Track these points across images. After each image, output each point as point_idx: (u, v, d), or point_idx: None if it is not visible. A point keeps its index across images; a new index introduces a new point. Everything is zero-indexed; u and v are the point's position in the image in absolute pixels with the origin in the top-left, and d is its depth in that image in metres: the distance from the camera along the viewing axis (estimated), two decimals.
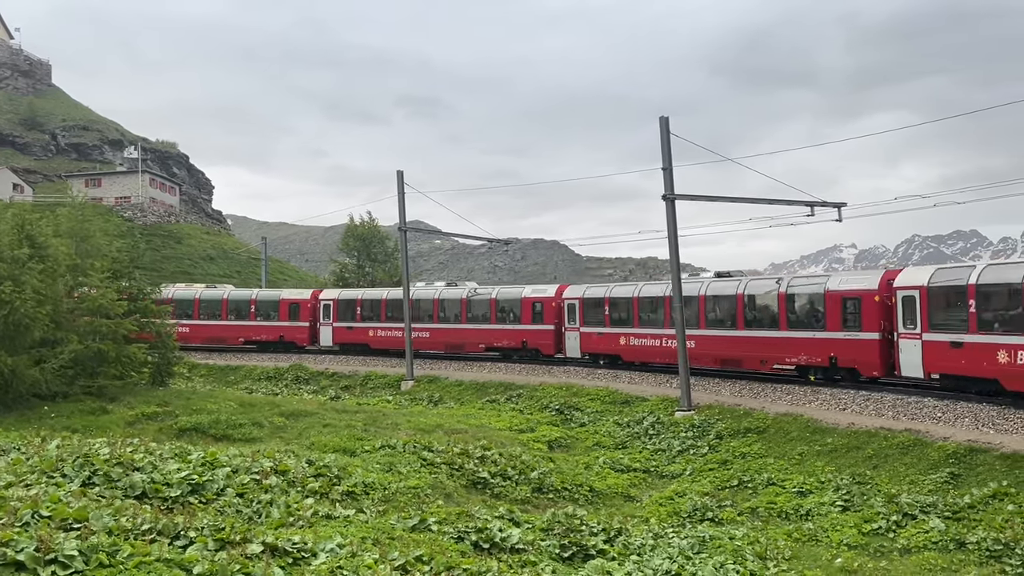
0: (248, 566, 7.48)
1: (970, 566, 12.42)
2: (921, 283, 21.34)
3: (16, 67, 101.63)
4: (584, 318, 32.99)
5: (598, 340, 32.41)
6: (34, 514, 8.20)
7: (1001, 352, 18.56)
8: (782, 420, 21.51)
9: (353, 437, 19.71)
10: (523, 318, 35.27)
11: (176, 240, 76.37)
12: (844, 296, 23.78)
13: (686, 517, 16.15)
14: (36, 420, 20.71)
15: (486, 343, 36.61)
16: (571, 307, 33.75)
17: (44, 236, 25.04)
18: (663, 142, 25.13)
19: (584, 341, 32.98)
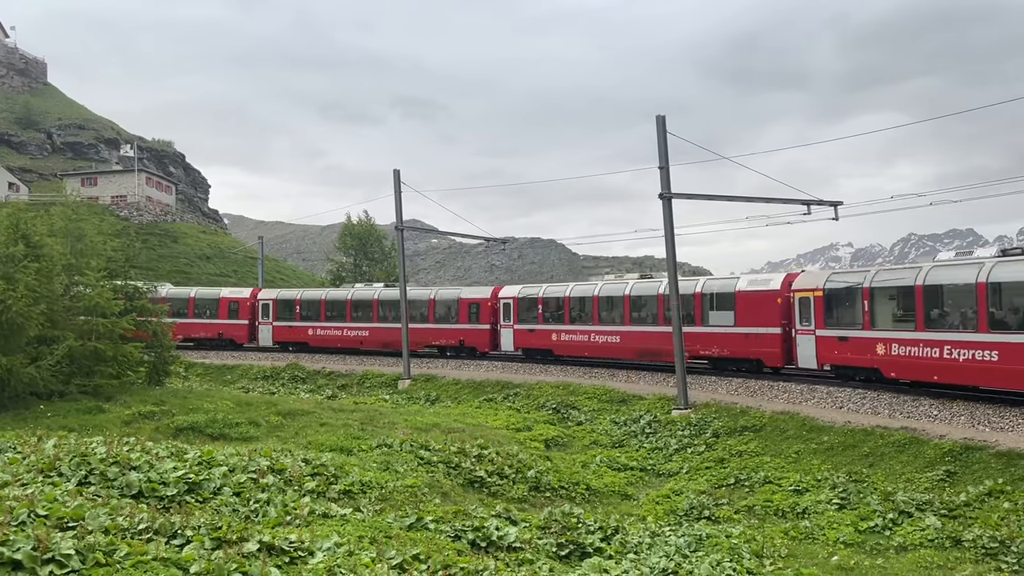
0: (245, 565, 7.48)
1: (966, 564, 12.46)
2: (817, 286, 24.56)
3: (11, 65, 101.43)
4: (518, 317, 35.21)
5: (531, 337, 34.68)
6: (31, 513, 8.20)
7: (879, 345, 21.95)
8: (779, 418, 21.55)
9: (350, 436, 19.70)
10: (460, 318, 37.60)
11: (172, 239, 76.25)
12: (751, 296, 26.61)
13: (683, 515, 16.18)
14: (32, 419, 20.67)
15: (424, 341, 38.50)
16: (506, 306, 35.98)
17: (39, 235, 24.97)
18: (660, 141, 25.15)
19: (517, 338, 35.21)
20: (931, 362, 20.44)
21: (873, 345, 22.17)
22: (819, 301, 24.35)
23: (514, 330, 35.17)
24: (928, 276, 20.75)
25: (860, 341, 22.64)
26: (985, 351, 18.91)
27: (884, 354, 21.88)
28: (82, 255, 26.95)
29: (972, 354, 19.22)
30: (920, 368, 20.92)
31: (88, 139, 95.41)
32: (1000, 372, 18.65)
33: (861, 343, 22.61)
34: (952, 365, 19.81)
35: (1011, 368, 18.32)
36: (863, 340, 22.54)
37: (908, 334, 21.13)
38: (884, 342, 21.87)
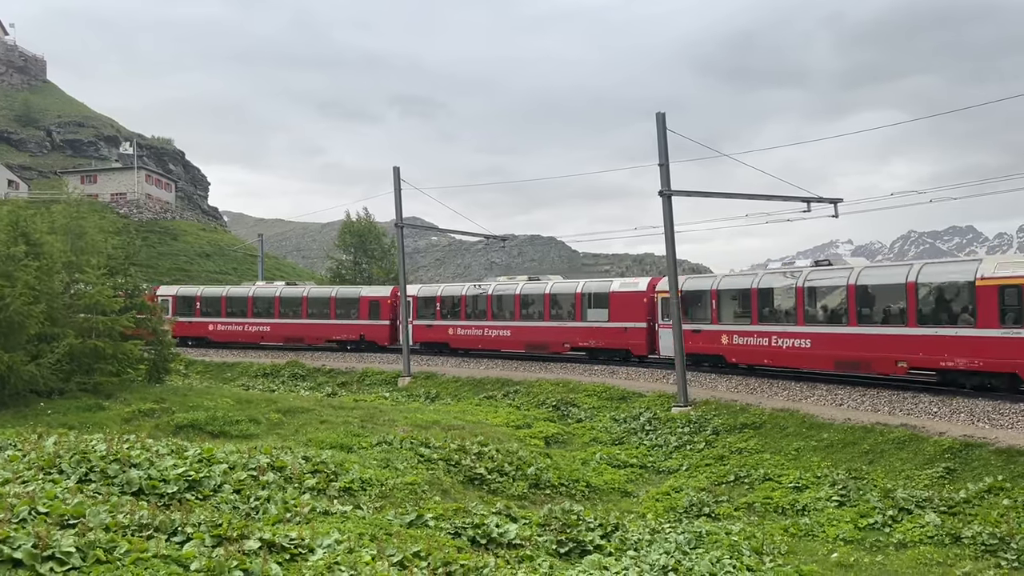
0: (245, 562, 7.49)
1: (965, 560, 12.47)
2: None
3: (11, 63, 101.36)
4: (417, 313, 38.16)
5: (429, 331, 37.96)
6: (31, 511, 8.21)
7: (724, 336, 27.09)
8: (778, 416, 21.56)
9: (350, 433, 19.71)
10: (361, 314, 40.22)
11: (172, 237, 76.22)
12: (624, 296, 31.27)
13: (683, 512, 16.20)
14: (32, 417, 20.69)
15: (325, 336, 41.03)
16: (406, 304, 37.78)
17: (39, 233, 24.99)
18: (659, 138, 25.13)
19: (416, 332, 37.97)
20: (762, 349, 25.53)
21: (719, 336, 27.16)
22: None
23: (413, 326, 37.75)
24: (761, 281, 26.32)
25: (709, 333, 27.51)
26: (801, 340, 24.26)
27: (727, 343, 26.87)
28: (82, 253, 26.96)
29: (792, 342, 24.52)
30: (754, 354, 25.94)
31: (88, 137, 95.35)
32: (811, 356, 24.05)
33: (710, 335, 27.46)
34: (778, 351, 25.00)
35: (819, 353, 23.73)
36: (712, 332, 27.42)
37: (745, 327, 26.28)
38: (727, 334, 26.84)
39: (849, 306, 23.06)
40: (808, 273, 24.53)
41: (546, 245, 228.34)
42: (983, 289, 19.43)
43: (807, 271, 24.76)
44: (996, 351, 19.23)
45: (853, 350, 22.64)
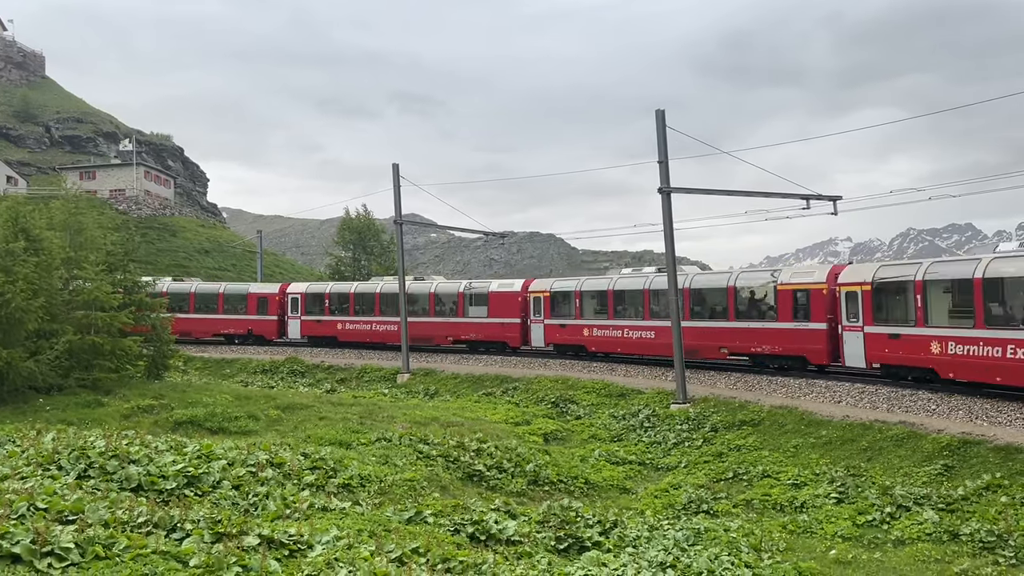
0: (244, 558, 7.50)
1: (963, 557, 12.49)
2: (546, 289, 34.27)
3: (9, 59, 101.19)
4: (306, 309, 41.47)
5: (317, 326, 41.19)
6: (30, 507, 8.22)
7: (584, 329, 32.34)
8: (777, 413, 21.57)
9: (349, 430, 19.72)
10: (249, 310, 42.65)
11: (171, 233, 76.16)
12: (501, 295, 35.47)
13: (681, 509, 16.21)
14: (31, 413, 20.70)
15: (213, 331, 43.38)
16: (294, 300, 41.96)
17: (38, 229, 24.96)
18: (659, 136, 25.11)
19: (304, 327, 41.54)
20: (616, 340, 30.95)
21: (581, 330, 32.32)
22: (547, 299, 33.88)
23: (301, 320, 41.53)
24: (616, 284, 31.46)
25: (573, 327, 32.83)
26: (647, 332, 29.72)
27: (588, 335, 32.08)
28: (81, 249, 26.95)
29: (640, 334, 30.09)
30: (609, 343, 31.27)
31: (86, 133, 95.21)
32: (655, 345, 29.32)
33: (573, 328, 32.79)
34: (629, 341, 30.51)
35: (661, 342, 28.44)
36: (575, 326, 32.72)
37: (602, 321, 31.65)
38: (588, 327, 32.17)
39: (685, 305, 27.54)
40: (653, 278, 29.88)
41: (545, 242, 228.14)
42: (782, 292, 25.24)
43: (652, 276, 30.13)
44: (791, 340, 25.14)
45: (687, 340, 26.43)
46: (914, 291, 21.12)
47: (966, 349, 19.70)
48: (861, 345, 22.99)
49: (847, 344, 23.45)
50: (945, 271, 21.06)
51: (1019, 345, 18.25)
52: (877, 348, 22.50)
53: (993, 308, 19.25)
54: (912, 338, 21.19)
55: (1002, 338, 18.65)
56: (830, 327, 24.12)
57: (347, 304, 40.69)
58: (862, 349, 22.96)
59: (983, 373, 19.35)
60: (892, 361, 22.18)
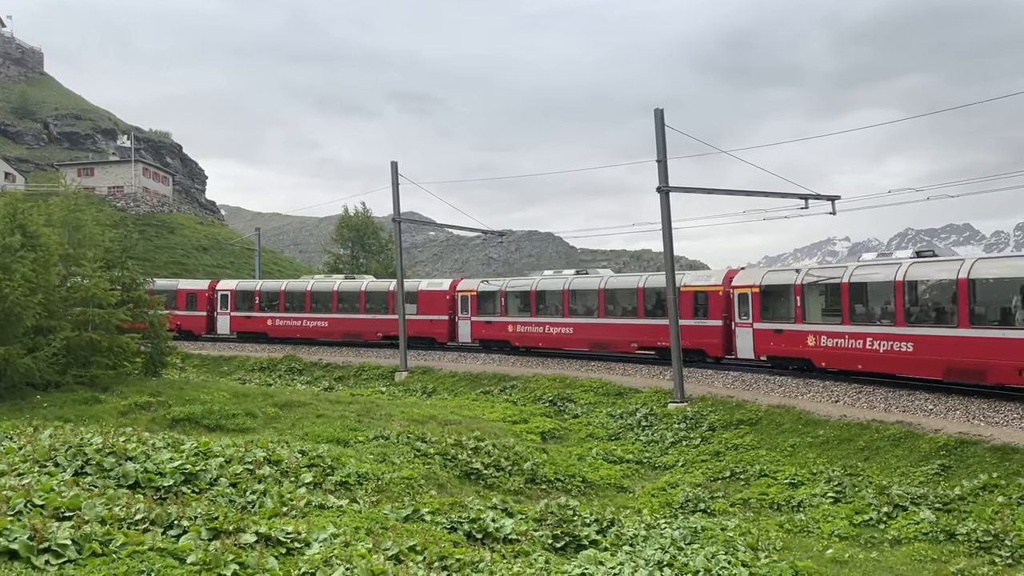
0: (241, 556, 7.50)
1: (960, 557, 12.51)
2: (473, 289, 37.14)
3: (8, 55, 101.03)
4: (236, 306, 43.11)
5: (247, 322, 42.76)
6: (27, 503, 8.21)
7: (510, 326, 35.25)
8: (774, 412, 21.59)
9: (346, 428, 19.72)
10: (179, 305, 43.02)
11: (169, 230, 76.10)
12: (430, 293, 38.26)
13: (678, 508, 16.22)
14: (28, 409, 20.68)
15: None
16: (224, 297, 43.61)
17: (36, 225, 24.93)
18: (658, 135, 25.10)
19: (233, 323, 43.25)
20: (538, 335, 34.26)
21: (505, 326, 35.25)
22: (474, 298, 36.46)
23: (231, 316, 43.19)
24: (539, 285, 34.79)
25: (498, 324, 35.50)
26: (566, 328, 32.85)
27: (512, 331, 34.92)
28: (79, 246, 26.92)
29: (560, 330, 33.32)
30: (531, 339, 34.45)
31: (85, 129, 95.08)
32: (573, 339, 32.64)
33: (499, 325, 35.45)
34: (550, 336, 33.78)
35: (579, 337, 32.39)
36: (500, 323, 35.40)
37: (525, 318, 34.77)
38: (512, 324, 34.96)
39: (599, 304, 31.33)
40: (572, 280, 33.20)
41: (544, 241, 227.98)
42: (685, 293, 28.18)
43: (571, 278, 33.39)
44: (692, 335, 27.87)
45: (603, 334, 30.83)
46: (794, 293, 24.73)
47: (835, 342, 23.32)
48: (751, 339, 26.43)
49: (739, 339, 26.91)
50: (819, 276, 24.81)
51: (875, 338, 22.13)
52: (764, 342, 25.97)
53: (857, 308, 23.12)
54: (792, 333, 24.72)
55: (863, 332, 22.48)
56: (725, 324, 27.46)
57: (277, 301, 42.66)
58: (752, 343, 26.40)
59: (849, 362, 23.09)
60: (776, 353, 25.68)
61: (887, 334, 21.73)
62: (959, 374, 20.04)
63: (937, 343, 20.45)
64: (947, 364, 20.16)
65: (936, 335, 20.56)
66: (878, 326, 22.11)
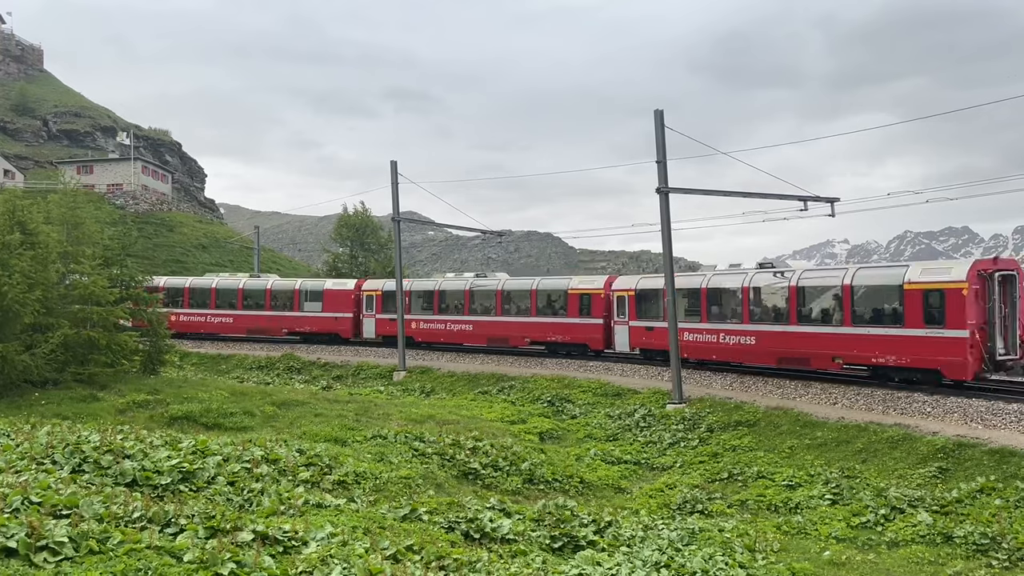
0: (239, 554, 7.49)
1: (957, 559, 12.52)
2: (378, 288, 39.63)
3: (7, 52, 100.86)
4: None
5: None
6: (24, 500, 8.20)
7: (413, 323, 37.43)
8: (773, 414, 21.60)
9: (344, 427, 19.72)
10: None
11: (168, 228, 75.96)
12: (335, 292, 40.74)
13: (676, 509, 16.22)
14: (26, 407, 20.66)
15: None
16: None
17: (35, 223, 24.91)
18: (658, 136, 25.09)
19: None
20: (440, 332, 37.16)
21: (409, 324, 36.87)
22: (379, 298, 39.29)
23: None
24: (442, 286, 37.64)
25: (411, 321, 37.49)
26: (466, 325, 36.00)
27: (416, 328, 37.45)
28: (78, 243, 26.90)
29: (460, 327, 36.36)
30: (434, 335, 37.39)
31: (84, 127, 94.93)
32: (472, 335, 35.96)
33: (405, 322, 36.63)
34: (450, 332, 36.78)
35: (477, 332, 35.74)
36: (406, 321, 36.36)
37: (428, 316, 37.40)
38: (416, 321, 37.50)
39: (497, 304, 34.97)
40: (472, 281, 36.74)
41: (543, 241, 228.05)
42: (572, 295, 32.63)
43: (471, 280, 36.93)
44: (577, 331, 32.49)
45: (502, 331, 34.66)
46: (663, 297, 27.65)
47: (695, 337, 27.66)
48: (627, 335, 30.57)
49: (617, 334, 31.05)
50: (683, 282, 28.47)
51: (726, 334, 26.62)
52: (638, 337, 30.14)
53: (712, 309, 27.39)
54: (661, 329, 27.68)
55: (717, 329, 27.00)
56: (606, 322, 31.57)
57: (181, 297, 43.79)
58: (627, 338, 30.57)
59: (706, 353, 27.53)
60: (648, 346, 29.83)
61: (735, 330, 26.35)
62: (789, 361, 24.79)
63: (773, 337, 25.11)
64: (780, 354, 24.84)
65: (773, 331, 25.22)
66: (728, 324, 26.66)
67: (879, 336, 22.08)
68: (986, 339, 20.52)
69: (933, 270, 21.58)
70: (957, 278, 20.61)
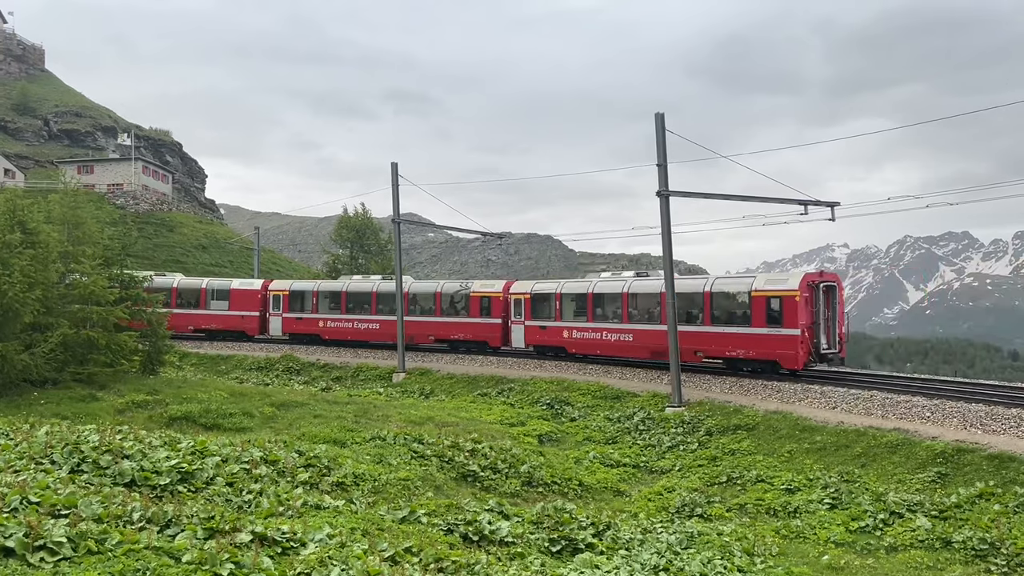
0: (237, 555, 7.49)
1: (956, 565, 12.52)
2: (284, 288, 42.46)
3: (9, 51, 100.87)
4: None
5: None
6: (23, 500, 8.19)
7: (320, 322, 41.04)
8: (772, 417, 21.59)
9: (344, 428, 19.70)
10: None
11: (168, 228, 75.93)
12: (242, 292, 42.80)
13: (675, 512, 16.22)
14: (25, 406, 20.65)
15: None
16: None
17: (35, 222, 24.92)
18: (658, 139, 25.11)
19: None
20: (347, 330, 39.88)
21: (316, 322, 40.82)
22: (286, 297, 41.87)
23: None
24: (349, 287, 40.88)
25: (309, 320, 41.17)
26: (373, 324, 39.16)
27: (322, 327, 40.68)
28: (78, 243, 26.90)
29: (368, 326, 39.38)
30: (340, 333, 40.06)
31: (85, 127, 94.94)
32: (379, 333, 38.82)
33: (310, 321, 41.09)
34: (357, 331, 39.56)
35: (383, 331, 38.65)
36: (311, 319, 41.07)
37: (335, 315, 40.62)
38: (323, 320, 40.70)
39: (405, 305, 36.71)
40: (379, 283, 39.93)
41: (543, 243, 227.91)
42: (473, 297, 36.27)
43: (379, 282, 40.26)
44: (478, 330, 36.03)
45: (410, 330, 36.47)
46: (555, 300, 33.37)
47: (582, 335, 32.18)
48: (523, 333, 34.63)
49: (514, 333, 35.05)
50: (572, 288, 33.67)
51: (609, 332, 31.18)
52: (532, 335, 34.26)
53: (597, 310, 32.01)
54: (553, 328, 33.23)
55: (601, 328, 31.53)
56: (504, 322, 35.30)
57: None
58: (523, 336, 34.62)
59: (591, 348, 31.94)
60: (541, 343, 34.09)
61: (616, 328, 30.97)
62: (660, 355, 28.22)
63: (647, 335, 29.62)
64: (653, 349, 29.00)
65: (647, 329, 29.71)
66: (610, 323, 31.19)
67: (732, 334, 26.84)
68: (813, 336, 25.35)
69: (774, 280, 26.42)
70: (792, 287, 25.31)
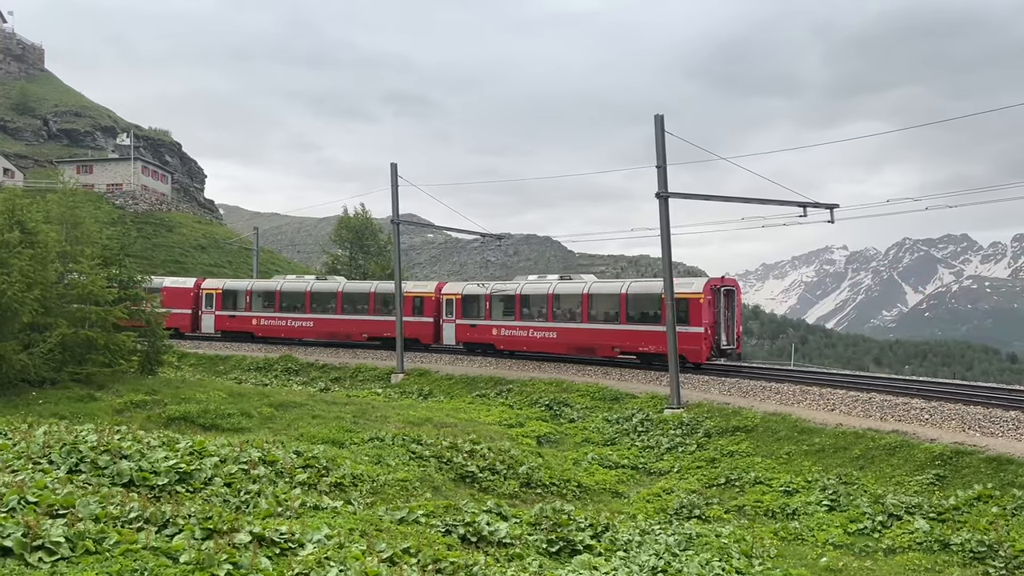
0: (235, 555, 7.48)
1: (954, 567, 12.51)
2: (218, 287, 43.63)
3: (9, 51, 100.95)
4: None
5: None
6: (20, 500, 8.18)
7: (253, 320, 42.57)
8: (770, 419, 21.59)
9: (342, 429, 19.69)
10: None
11: (168, 228, 75.91)
12: (174, 289, 43.23)
13: (673, 514, 16.21)
14: (24, 406, 20.63)
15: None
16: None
17: (34, 222, 24.92)
18: (658, 140, 25.12)
19: None
20: (280, 327, 41.62)
21: (249, 320, 42.40)
22: (219, 295, 42.97)
23: None
24: (283, 287, 42.40)
25: (242, 318, 42.69)
26: (306, 322, 41.15)
27: (256, 324, 42.20)
28: (77, 242, 26.89)
29: (301, 324, 41.33)
30: (273, 330, 41.80)
31: (84, 127, 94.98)
32: (312, 331, 41.02)
33: (243, 319, 42.65)
34: (290, 328, 41.43)
35: (316, 330, 40.98)
36: (244, 318, 42.60)
37: (269, 313, 42.09)
38: (256, 318, 42.33)
39: (337, 304, 40.03)
40: (313, 283, 42.22)
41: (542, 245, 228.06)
42: (408, 297, 37.74)
43: (313, 282, 42.56)
44: (412, 328, 37.42)
45: (344, 328, 39.93)
46: (484, 300, 35.86)
47: (510, 332, 34.86)
48: (454, 331, 36.93)
49: (445, 331, 37.44)
50: (501, 289, 35.82)
51: (535, 330, 34.00)
52: (463, 332, 36.57)
53: (524, 310, 34.61)
54: (483, 326, 35.74)
55: (527, 326, 34.27)
56: (435, 321, 37.64)
57: None
58: (454, 333, 36.94)
59: (518, 345, 34.57)
60: (471, 340, 36.46)
61: (541, 327, 33.73)
62: (580, 351, 32.55)
63: (569, 332, 32.82)
64: (575, 345, 32.65)
65: (569, 327, 32.85)
66: (536, 322, 33.93)
67: (645, 331, 30.17)
68: (715, 334, 28.94)
69: (682, 284, 29.04)
70: (697, 291, 28.90)
